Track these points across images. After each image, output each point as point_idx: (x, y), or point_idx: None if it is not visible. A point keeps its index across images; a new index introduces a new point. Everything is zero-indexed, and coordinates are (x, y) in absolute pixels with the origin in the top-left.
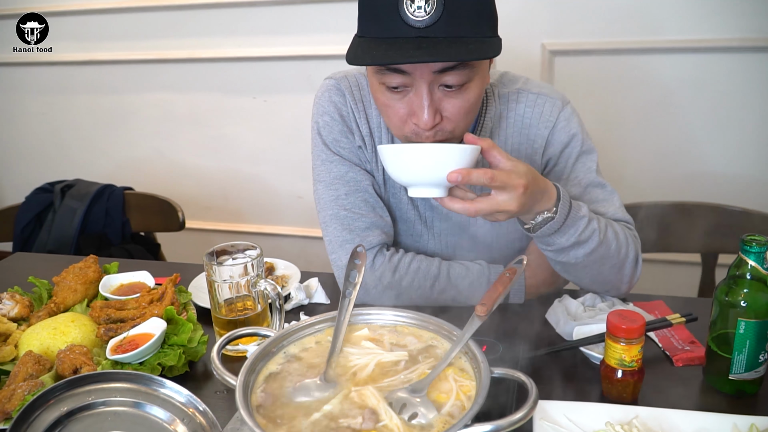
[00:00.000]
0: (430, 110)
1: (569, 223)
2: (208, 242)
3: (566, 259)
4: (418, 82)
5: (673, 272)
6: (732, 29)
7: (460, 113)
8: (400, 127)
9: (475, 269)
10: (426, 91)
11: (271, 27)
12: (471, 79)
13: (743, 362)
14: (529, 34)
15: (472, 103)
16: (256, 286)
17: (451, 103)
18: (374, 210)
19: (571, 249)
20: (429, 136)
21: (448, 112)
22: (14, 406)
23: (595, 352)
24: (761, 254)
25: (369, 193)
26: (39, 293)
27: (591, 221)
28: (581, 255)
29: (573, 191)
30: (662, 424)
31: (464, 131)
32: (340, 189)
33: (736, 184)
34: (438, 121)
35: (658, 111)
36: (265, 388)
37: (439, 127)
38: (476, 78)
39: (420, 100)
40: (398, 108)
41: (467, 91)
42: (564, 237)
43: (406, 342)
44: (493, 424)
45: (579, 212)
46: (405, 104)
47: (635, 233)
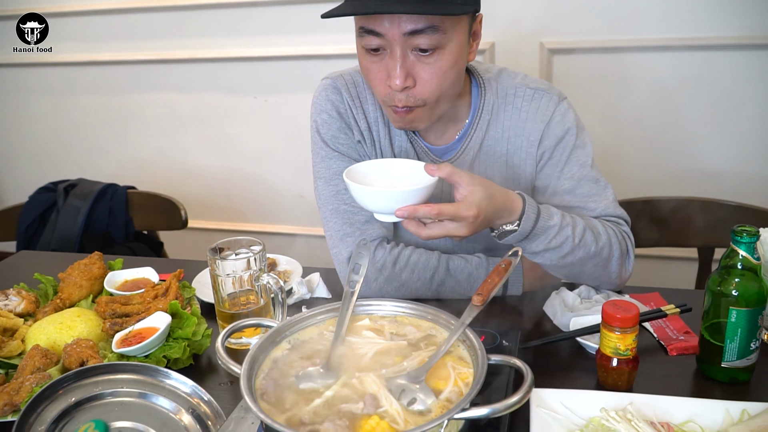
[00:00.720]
0: (402, 71)
1: (537, 233)
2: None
3: (541, 261)
4: (392, 44)
5: (671, 267)
6: (730, 27)
7: (432, 80)
8: (380, 91)
9: (474, 261)
10: (399, 53)
11: (273, 27)
12: (442, 45)
13: (735, 350)
14: (528, 32)
15: (444, 71)
16: (259, 280)
17: (424, 69)
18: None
19: (542, 253)
20: (401, 99)
21: (420, 78)
22: (22, 398)
23: (591, 342)
24: (751, 244)
25: None
26: (45, 289)
27: (563, 229)
28: (555, 258)
29: (566, 185)
30: (656, 410)
31: (436, 104)
32: (339, 184)
33: (734, 180)
34: (410, 84)
35: (657, 108)
36: (268, 375)
37: (411, 93)
38: (448, 46)
39: (393, 62)
40: (377, 71)
41: (440, 58)
42: (533, 244)
43: (406, 332)
44: (490, 408)
45: (549, 222)
46: (382, 67)
47: (626, 229)
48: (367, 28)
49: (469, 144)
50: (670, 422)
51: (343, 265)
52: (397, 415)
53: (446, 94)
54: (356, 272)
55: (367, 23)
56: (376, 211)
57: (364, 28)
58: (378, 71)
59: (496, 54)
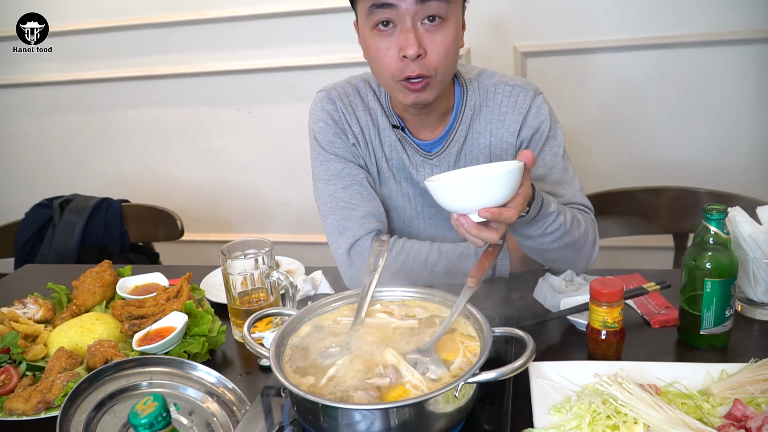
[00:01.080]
0: (415, 39)
1: (539, 218)
2: (200, 252)
3: (532, 245)
4: (404, 16)
5: (649, 255)
6: (691, 26)
7: (440, 49)
8: (389, 68)
9: (464, 244)
10: (410, 23)
11: (254, 40)
12: (447, 17)
13: (712, 318)
14: (502, 37)
15: (449, 42)
16: (269, 277)
17: (432, 40)
18: (369, 201)
19: (538, 237)
20: (414, 69)
21: (430, 48)
22: (55, 395)
23: (580, 319)
24: (721, 221)
25: (363, 186)
26: (58, 298)
27: (559, 215)
28: (546, 242)
29: (538, 172)
30: (644, 374)
31: (444, 77)
32: (337, 184)
33: (700, 169)
34: (422, 53)
35: (625, 104)
36: (292, 357)
37: (423, 62)
38: (451, 19)
39: (405, 33)
40: (387, 47)
41: (445, 29)
42: (532, 228)
43: (415, 312)
44: (497, 371)
45: (549, 209)
46: (393, 42)
47: (593, 217)
48: (380, 2)
49: (455, 137)
50: (657, 384)
51: (343, 259)
52: (419, 382)
53: (449, 68)
54: (375, 263)
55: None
56: (472, 208)
57: (376, 3)
58: (389, 47)
59: (473, 59)
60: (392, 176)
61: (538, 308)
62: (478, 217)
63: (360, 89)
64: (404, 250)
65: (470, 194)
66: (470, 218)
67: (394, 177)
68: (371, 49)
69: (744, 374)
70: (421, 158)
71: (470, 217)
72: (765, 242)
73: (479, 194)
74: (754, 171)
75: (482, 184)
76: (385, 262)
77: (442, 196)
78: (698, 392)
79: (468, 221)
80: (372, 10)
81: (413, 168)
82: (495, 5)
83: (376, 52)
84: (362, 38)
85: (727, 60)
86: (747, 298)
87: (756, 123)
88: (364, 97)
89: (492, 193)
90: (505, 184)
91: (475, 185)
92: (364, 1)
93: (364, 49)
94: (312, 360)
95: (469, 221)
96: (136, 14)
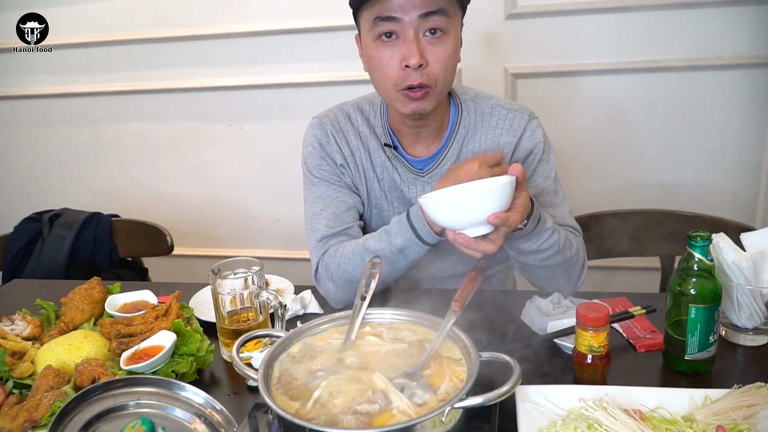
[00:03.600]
0: (417, 50)
1: (535, 234)
2: (189, 267)
3: (525, 260)
4: (407, 27)
5: (636, 276)
6: (679, 50)
7: (440, 61)
8: (392, 77)
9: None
10: (413, 34)
11: (247, 57)
12: (447, 30)
13: (696, 344)
14: (493, 59)
15: (449, 54)
16: (258, 297)
17: (434, 51)
18: (342, 222)
19: (531, 253)
20: (416, 77)
21: (431, 59)
22: (42, 414)
23: (567, 343)
24: (705, 248)
25: (340, 209)
26: (46, 314)
27: (554, 233)
28: (540, 259)
29: (530, 192)
30: (629, 399)
31: (443, 88)
32: (317, 206)
33: (687, 193)
34: (424, 63)
35: (613, 126)
36: (280, 379)
37: (425, 72)
38: (451, 32)
39: (408, 44)
40: (390, 57)
41: (445, 42)
42: (528, 243)
43: (404, 336)
44: (483, 397)
45: (545, 224)
46: (396, 53)
47: (582, 240)
48: (384, 15)
49: (447, 155)
50: (642, 409)
51: (313, 273)
52: (408, 408)
53: (448, 80)
54: (367, 285)
55: (384, 10)
56: (468, 223)
57: (380, 16)
58: (391, 57)
59: (464, 78)
60: (384, 196)
61: (524, 331)
62: (474, 231)
63: (350, 114)
64: (336, 257)
65: (465, 209)
66: (467, 233)
67: (386, 197)
68: (374, 60)
69: (727, 400)
70: (412, 175)
71: (466, 233)
72: (748, 269)
73: (474, 209)
74: (741, 195)
75: (476, 198)
76: (324, 276)
77: (436, 213)
78: (682, 418)
79: (464, 237)
80: (376, 22)
81: (405, 186)
82: (487, 27)
83: (379, 62)
84: (365, 50)
85: (714, 84)
86: (731, 323)
87: (742, 147)
88: (354, 122)
89: (487, 206)
90: (498, 197)
91: (469, 200)
92: (368, 13)
93: (367, 61)
94: (300, 382)
95: (466, 237)
96: (131, 29)
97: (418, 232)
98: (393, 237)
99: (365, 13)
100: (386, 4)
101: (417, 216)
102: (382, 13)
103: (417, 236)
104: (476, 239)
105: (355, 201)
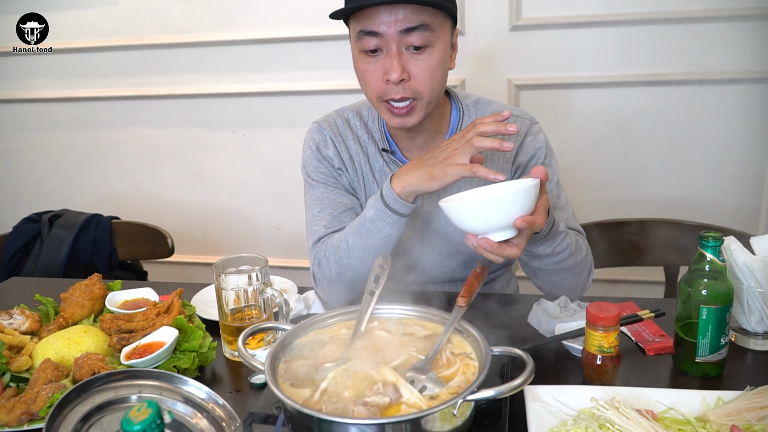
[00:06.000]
0: (398, 65)
1: (550, 237)
2: (188, 273)
3: (538, 265)
4: (389, 42)
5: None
6: (683, 64)
7: (424, 74)
8: (376, 88)
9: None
10: (395, 49)
11: (251, 64)
12: (432, 43)
13: (707, 345)
14: (497, 70)
15: (434, 68)
16: (263, 294)
17: (417, 65)
18: (340, 222)
19: (546, 257)
20: (398, 91)
21: (413, 73)
22: (39, 407)
23: (575, 344)
24: (717, 248)
25: (337, 210)
26: (45, 310)
27: (566, 236)
28: (552, 262)
29: None
30: (639, 400)
31: (430, 99)
32: (315, 208)
33: (688, 205)
34: (405, 77)
35: (616, 139)
36: (287, 371)
37: (407, 86)
38: (437, 45)
39: (390, 58)
40: (373, 70)
41: (430, 55)
42: (543, 246)
43: (413, 331)
44: (496, 389)
45: (558, 228)
46: (379, 66)
47: (587, 243)
48: (366, 30)
49: None
50: (654, 410)
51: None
52: (418, 400)
53: (436, 91)
54: (376, 281)
55: (367, 25)
56: (493, 227)
57: (363, 30)
58: (375, 71)
59: (467, 89)
60: None
61: (532, 333)
62: (498, 235)
63: (349, 119)
64: (326, 249)
65: (490, 213)
66: (490, 238)
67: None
68: (359, 71)
69: (741, 401)
70: None
71: (490, 237)
72: (759, 271)
73: (500, 212)
74: (744, 208)
75: (502, 201)
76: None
77: (461, 217)
78: (695, 419)
79: (489, 242)
80: (360, 36)
81: None
82: (491, 38)
83: (363, 73)
84: (353, 60)
85: (717, 98)
86: (741, 327)
87: (745, 161)
88: (353, 127)
89: (513, 210)
90: (524, 200)
91: (495, 203)
92: (354, 25)
93: (354, 69)
94: (307, 374)
95: (490, 242)
96: (135, 35)
97: (387, 202)
98: (366, 210)
99: (352, 23)
100: (369, 20)
101: (387, 188)
102: (365, 27)
103: (386, 206)
104: (500, 244)
105: (352, 202)
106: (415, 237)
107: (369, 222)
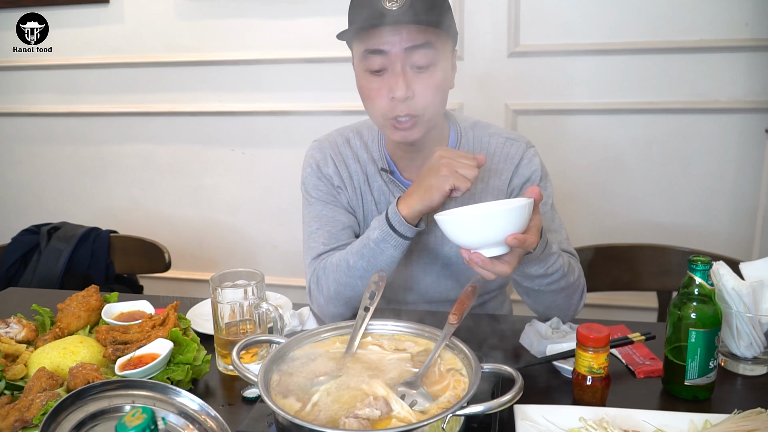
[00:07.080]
0: (403, 83)
1: (543, 257)
2: (184, 289)
3: (531, 285)
4: (394, 61)
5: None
6: (678, 93)
7: (427, 92)
8: (380, 107)
9: (371, 231)
10: (400, 68)
11: (253, 84)
12: (435, 62)
13: (696, 369)
14: (495, 95)
15: (437, 85)
16: (258, 308)
17: (420, 83)
18: (338, 240)
19: (538, 278)
20: (403, 109)
21: (418, 91)
22: (33, 414)
23: (566, 365)
24: (706, 272)
25: (336, 228)
26: (42, 320)
27: (559, 257)
28: (545, 283)
29: None
30: (628, 422)
31: (432, 116)
32: (313, 225)
33: (682, 233)
34: (410, 95)
35: (611, 165)
36: (279, 382)
37: (412, 103)
38: (440, 63)
39: (395, 77)
40: (378, 89)
41: (433, 74)
42: (535, 267)
43: (406, 347)
44: (485, 405)
45: (551, 249)
46: (384, 84)
47: (580, 266)
48: (372, 48)
49: None
50: (642, 431)
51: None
52: (408, 415)
53: (438, 107)
54: (371, 297)
55: (372, 44)
56: (484, 242)
57: (369, 49)
58: (380, 89)
59: (465, 113)
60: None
61: (523, 354)
62: (490, 251)
63: (350, 139)
64: (325, 267)
65: (482, 228)
66: (483, 253)
67: None
68: (364, 90)
69: (728, 424)
70: None
71: (483, 252)
72: (748, 296)
73: (491, 228)
74: (737, 237)
75: (495, 218)
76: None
77: (454, 230)
78: None
79: (480, 256)
80: (365, 55)
81: None
82: (489, 64)
83: (368, 92)
84: (356, 79)
85: (711, 128)
86: (730, 352)
87: (738, 189)
88: (353, 146)
89: (505, 227)
90: (517, 218)
91: (487, 219)
92: (358, 45)
93: (359, 89)
94: (300, 387)
95: (482, 257)
96: (140, 52)
97: (392, 224)
98: (370, 231)
99: (356, 44)
100: (374, 39)
101: (393, 211)
102: (371, 46)
103: (391, 228)
104: (492, 260)
105: (350, 221)
106: (411, 257)
107: (373, 243)
